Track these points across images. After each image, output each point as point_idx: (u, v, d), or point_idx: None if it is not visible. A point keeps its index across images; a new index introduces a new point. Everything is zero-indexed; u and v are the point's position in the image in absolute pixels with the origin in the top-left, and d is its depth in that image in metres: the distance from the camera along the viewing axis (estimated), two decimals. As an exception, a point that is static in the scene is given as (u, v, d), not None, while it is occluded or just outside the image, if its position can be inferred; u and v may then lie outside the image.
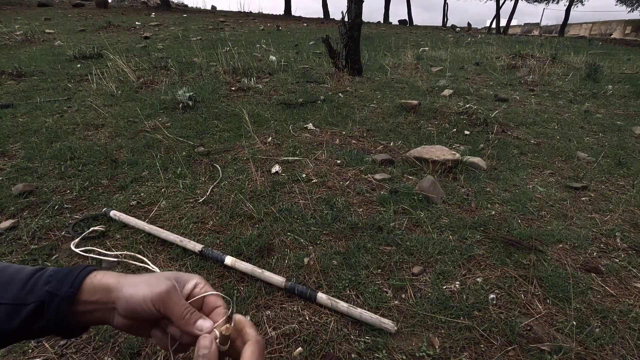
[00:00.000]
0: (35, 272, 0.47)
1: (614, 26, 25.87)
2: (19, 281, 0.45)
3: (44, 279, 0.46)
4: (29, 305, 0.44)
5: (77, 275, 0.46)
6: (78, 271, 0.46)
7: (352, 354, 1.16)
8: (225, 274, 1.48)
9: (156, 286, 0.44)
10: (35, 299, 0.44)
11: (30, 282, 0.46)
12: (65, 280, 0.45)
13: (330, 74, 5.25)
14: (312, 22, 16.66)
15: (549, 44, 10.81)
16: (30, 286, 0.45)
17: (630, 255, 1.68)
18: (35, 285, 0.45)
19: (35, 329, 0.45)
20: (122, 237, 1.68)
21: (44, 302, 0.44)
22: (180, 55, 6.41)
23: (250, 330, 0.44)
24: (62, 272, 0.46)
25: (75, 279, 0.45)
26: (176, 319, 0.44)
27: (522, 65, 6.76)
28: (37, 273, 0.47)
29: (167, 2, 18.60)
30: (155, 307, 0.44)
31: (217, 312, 0.47)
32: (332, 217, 1.86)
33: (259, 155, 2.58)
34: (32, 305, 0.44)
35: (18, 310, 0.44)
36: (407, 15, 27.03)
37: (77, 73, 4.97)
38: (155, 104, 3.63)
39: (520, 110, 4.06)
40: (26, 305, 0.44)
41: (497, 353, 1.18)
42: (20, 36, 7.85)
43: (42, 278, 0.46)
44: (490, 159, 2.68)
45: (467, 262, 1.58)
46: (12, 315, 0.44)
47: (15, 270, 0.47)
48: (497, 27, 24.02)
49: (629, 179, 2.49)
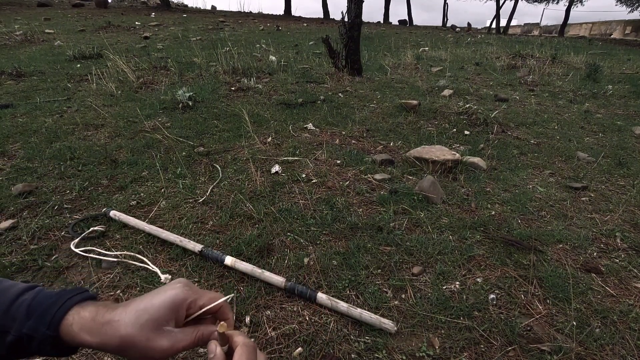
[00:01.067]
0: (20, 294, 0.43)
1: (614, 26, 25.88)
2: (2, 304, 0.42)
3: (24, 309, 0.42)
4: (10, 336, 0.41)
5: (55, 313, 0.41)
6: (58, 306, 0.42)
7: (352, 354, 1.16)
8: (225, 274, 1.47)
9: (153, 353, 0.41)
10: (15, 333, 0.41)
11: (13, 308, 0.42)
12: (43, 319, 0.41)
13: (330, 74, 5.25)
14: (312, 22, 16.66)
15: (549, 44, 10.81)
16: (12, 314, 0.42)
17: (631, 256, 1.68)
18: (17, 314, 0.41)
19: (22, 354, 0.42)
20: (122, 237, 1.68)
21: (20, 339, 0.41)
22: (180, 55, 6.40)
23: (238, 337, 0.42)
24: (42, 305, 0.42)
25: (53, 317, 0.41)
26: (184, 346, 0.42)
27: (522, 66, 6.76)
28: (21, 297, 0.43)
29: (167, 2, 18.60)
30: None
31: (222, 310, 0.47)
32: (332, 217, 1.85)
33: (258, 155, 2.58)
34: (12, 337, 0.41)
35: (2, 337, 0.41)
36: (407, 16, 27.04)
37: (76, 73, 4.97)
38: (155, 104, 3.63)
39: (520, 110, 4.06)
40: (8, 333, 0.41)
41: (497, 353, 1.18)
42: (19, 36, 7.84)
43: (23, 307, 0.42)
44: (490, 159, 2.68)
45: (467, 262, 1.58)
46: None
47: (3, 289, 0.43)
48: (497, 27, 24.03)
49: (629, 179, 2.49)
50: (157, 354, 0.40)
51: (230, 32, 10.48)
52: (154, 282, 1.41)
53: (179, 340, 0.42)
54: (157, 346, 0.40)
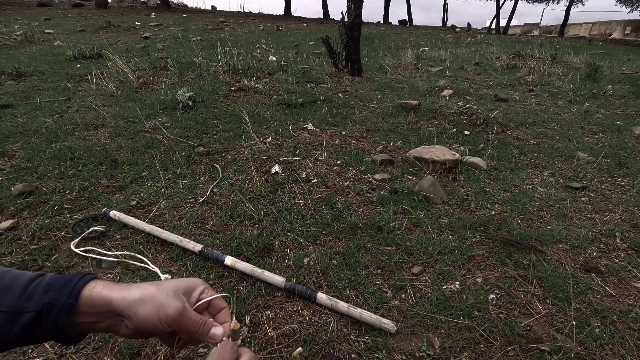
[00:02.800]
0: (34, 279, 0.46)
1: (613, 26, 25.88)
2: (17, 288, 0.45)
3: (42, 287, 0.45)
4: (28, 314, 0.44)
5: (75, 285, 0.46)
6: (76, 280, 0.46)
7: (352, 354, 1.16)
8: (225, 274, 1.47)
9: (168, 307, 0.46)
10: (33, 308, 0.44)
11: (29, 290, 0.45)
12: (63, 290, 0.45)
13: (330, 74, 5.25)
14: (312, 23, 16.66)
15: (549, 44, 10.81)
16: (29, 294, 0.45)
17: (630, 256, 1.68)
18: (34, 293, 0.45)
19: (34, 336, 0.45)
20: (122, 237, 1.68)
21: (42, 312, 0.44)
22: (180, 55, 6.41)
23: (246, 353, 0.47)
24: (60, 281, 0.46)
25: (73, 289, 0.45)
26: (191, 333, 0.47)
27: (522, 66, 6.76)
28: (36, 280, 0.46)
29: (167, 2, 18.60)
30: (170, 327, 0.46)
31: (223, 313, 0.51)
32: (332, 217, 1.86)
33: (258, 155, 2.58)
34: (30, 314, 0.44)
35: (17, 319, 0.44)
36: (407, 16, 27.04)
37: (76, 73, 4.97)
38: (155, 104, 3.63)
39: (520, 110, 4.06)
40: (25, 314, 0.44)
41: (497, 353, 1.18)
42: (20, 36, 7.85)
43: (41, 286, 0.46)
44: (490, 159, 2.68)
45: (467, 262, 1.58)
46: (11, 323, 0.44)
47: (14, 276, 0.46)
48: (497, 27, 24.03)
49: (628, 179, 2.49)
50: (172, 310, 0.45)
51: (230, 32, 10.48)
52: (154, 282, 1.41)
53: (190, 311, 0.47)
54: (173, 303, 0.46)
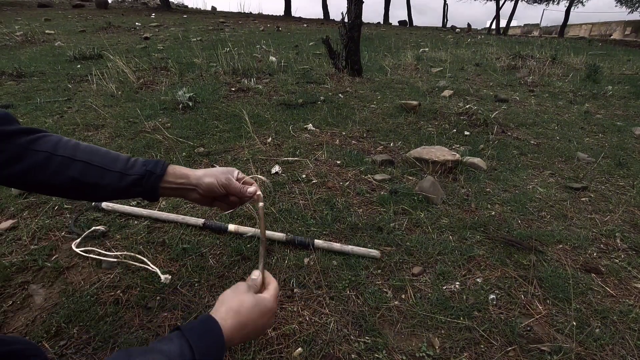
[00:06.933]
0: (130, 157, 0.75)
1: (613, 27, 25.89)
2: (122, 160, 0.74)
3: (140, 162, 0.74)
4: (132, 176, 0.72)
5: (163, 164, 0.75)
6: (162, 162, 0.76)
7: (352, 354, 1.16)
8: (225, 274, 1.48)
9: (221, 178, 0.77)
10: (136, 173, 0.73)
11: (131, 162, 0.74)
12: (157, 165, 0.75)
13: (330, 74, 5.26)
14: (312, 23, 16.67)
15: (549, 45, 10.82)
16: (131, 164, 0.74)
17: (630, 256, 1.68)
18: (135, 165, 0.74)
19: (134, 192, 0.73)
20: (122, 238, 1.68)
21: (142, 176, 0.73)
22: (181, 56, 6.41)
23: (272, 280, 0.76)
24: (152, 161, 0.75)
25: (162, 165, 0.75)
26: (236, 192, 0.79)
27: (522, 66, 6.76)
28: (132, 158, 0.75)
29: (167, 3, 18.62)
30: (224, 189, 0.78)
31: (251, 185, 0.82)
32: (332, 218, 1.86)
33: (259, 155, 2.58)
34: (134, 176, 0.72)
35: (124, 178, 0.72)
36: (407, 16, 27.06)
37: (77, 74, 4.97)
38: (155, 104, 3.63)
39: (520, 110, 4.06)
40: (130, 176, 0.72)
41: (497, 353, 1.18)
42: (20, 37, 7.85)
43: (139, 161, 0.75)
44: (490, 160, 2.68)
45: (467, 263, 1.58)
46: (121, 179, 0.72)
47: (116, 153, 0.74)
48: (497, 28, 24.05)
49: (629, 179, 2.49)
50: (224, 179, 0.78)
51: (231, 33, 10.49)
52: (154, 282, 1.41)
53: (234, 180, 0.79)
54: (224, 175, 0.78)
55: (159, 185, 0.73)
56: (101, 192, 0.72)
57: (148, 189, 0.73)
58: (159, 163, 0.75)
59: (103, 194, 0.73)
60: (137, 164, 0.74)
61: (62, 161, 0.68)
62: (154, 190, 0.74)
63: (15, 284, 1.39)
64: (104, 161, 0.71)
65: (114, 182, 0.71)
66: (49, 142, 0.70)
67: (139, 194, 0.74)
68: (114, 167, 0.71)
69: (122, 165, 0.72)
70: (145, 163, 0.74)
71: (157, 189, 0.74)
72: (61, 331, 1.20)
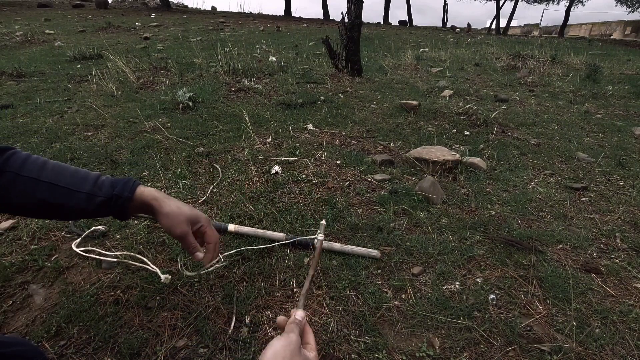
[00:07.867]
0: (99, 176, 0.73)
1: (613, 27, 25.90)
2: (91, 180, 0.71)
3: (108, 182, 0.72)
4: (100, 198, 0.70)
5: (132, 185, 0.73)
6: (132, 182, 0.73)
7: (352, 354, 1.16)
8: (225, 274, 1.48)
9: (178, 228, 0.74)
10: (104, 195, 0.70)
11: (99, 182, 0.71)
12: (125, 187, 0.72)
13: (330, 74, 5.26)
14: (312, 23, 16.67)
15: (549, 45, 10.82)
16: (100, 185, 0.71)
17: (630, 256, 1.68)
18: (103, 186, 0.71)
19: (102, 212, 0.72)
20: (122, 237, 1.68)
21: (110, 199, 0.71)
22: (180, 56, 6.41)
23: None
24: (121, 181, 0.73)
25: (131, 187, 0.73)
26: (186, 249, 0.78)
27: (522, 66, 6.77)
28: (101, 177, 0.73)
29: (167, 3, 18.62)
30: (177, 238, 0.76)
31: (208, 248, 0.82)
32: (332, 218, 1.86)
33: (258, 155, 2.58)
34: (102, 198, 0.70)
35: (92, 199, 0.70)
36: (407, 16, 27.06)
37: (77, 74, 4.97)
38: (155, 104, 3.63)
39: (520, 110, 4.06)
40: (98, 197, 0.70)
41: (497, 353, 1.18)
42: (20, 37, 7.85)
43: (107, 181, 0.72)
44: (490, 160, 2.68)
45: (467, 263, 1.58)
46: (88, 201, 0.69)
47: (85, 172, 0.72)
48: (497, 27, 24.05)
49: (629, 179, 2.49)
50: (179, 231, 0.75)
51: (231, 33, 10.49)
52: (154, 282, 1.41)
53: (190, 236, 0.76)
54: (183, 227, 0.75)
55: (127, 206, 0.72)
56: (69, 213, 0.70)
57: (116, 211, 0.72)
58: (127, 184, 0.72)
59: (72, 215, 0.71)
60: (105, 184, 0.71)
61: (27, 182, 0.66)
62: (123, 212, 0.73)
63: (15, 284, 1.39)
64: (71, 181, 0.69)
65: (81, 204, 0.69)
66: (16, 162, 0.69)
67: (108, 214, 0.73)
68: (81, 187, 0.69)
69: (89, 187, 0.70)
70: (114, 183, 0.72)
71: (126, 210, 0.72)
72: (61, 331, 1.20)
